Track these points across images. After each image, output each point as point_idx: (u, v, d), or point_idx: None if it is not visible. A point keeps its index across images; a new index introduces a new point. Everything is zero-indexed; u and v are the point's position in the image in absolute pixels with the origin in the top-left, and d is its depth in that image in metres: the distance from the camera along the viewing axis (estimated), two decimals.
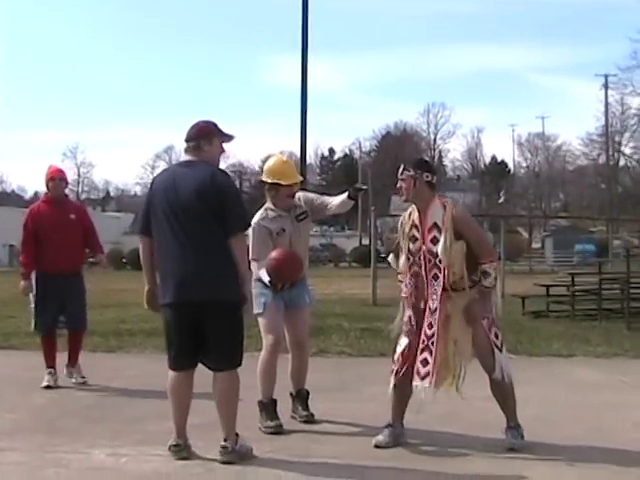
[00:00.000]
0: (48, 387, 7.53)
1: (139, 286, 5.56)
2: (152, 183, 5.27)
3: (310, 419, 6.02)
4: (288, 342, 6.05)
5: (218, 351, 4.97)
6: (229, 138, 5.27)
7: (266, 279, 5.74)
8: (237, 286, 4.97)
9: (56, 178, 7.75)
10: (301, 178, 6.20)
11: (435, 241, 5.20)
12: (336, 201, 6.08)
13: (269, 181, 5.96)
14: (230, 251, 4.93)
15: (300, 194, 6.15)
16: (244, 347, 5.11)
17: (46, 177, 7.74)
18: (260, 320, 5.89)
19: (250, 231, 5.73)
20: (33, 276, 7.63)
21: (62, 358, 7.91)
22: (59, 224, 7.59)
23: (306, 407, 6.09)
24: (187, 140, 5.15)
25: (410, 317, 5.37)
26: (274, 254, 5.72)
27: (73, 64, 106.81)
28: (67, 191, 8.05)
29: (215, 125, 5.20)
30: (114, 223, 65.24)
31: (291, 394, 6.14)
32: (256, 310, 5.68)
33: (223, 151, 5.27)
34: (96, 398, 7.11)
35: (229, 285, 4.94)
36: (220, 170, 5.17)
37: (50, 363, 7.68)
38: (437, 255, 5.18)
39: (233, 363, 5.02)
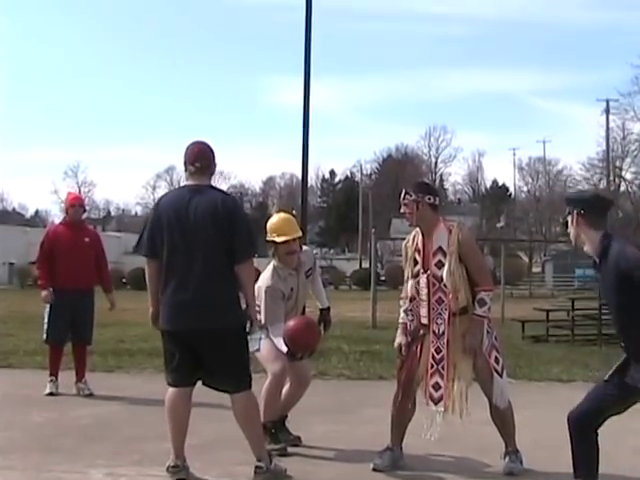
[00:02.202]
0: (51, 394, 8.06)
1: (139, 306, 5.58)
2: (157, 205, 5.13)
3: (299, 442, 5.96)
4: (290, 377, 5.90)
5: (221, 376, 4.94)
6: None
7: (284, 349, 5.58)
8: (238, 312, 4.93)
9: (76, 205, 8.49)
10: (299, 234, 5.99)
11: (440, 265, 5.18)
12: (316, 290, 6.22)
13: (267, 239, 5.88)
14: (234, 277, 4.89)
15: (306, 252, 6.09)
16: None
17: (66, 203, 8.61)
18: (262, 353, 5.74)
19: (262, 294, 5.66)
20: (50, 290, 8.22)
21: (64, 377, 8.25)
22: (74, 245, 8.21)
23: (289, 430, 6.01)
24: (193, 162, 5.04)
25: (405, 342, 5.37)
26: (291, 323, 5.58)
27: (75, 83, 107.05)
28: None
29: (209, 145, 5.19)
30: (114, 243, 65.10)
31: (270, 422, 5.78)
32: (253, 347, 5.52)
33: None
34: (94, 417, 7.09)
35: (229, 312, 4.89)
36: (230, 195, 5.16)
37: (53, 372, 8.24)
38: (442, 279, 5.17)
39: (239, 387, 4.95)
